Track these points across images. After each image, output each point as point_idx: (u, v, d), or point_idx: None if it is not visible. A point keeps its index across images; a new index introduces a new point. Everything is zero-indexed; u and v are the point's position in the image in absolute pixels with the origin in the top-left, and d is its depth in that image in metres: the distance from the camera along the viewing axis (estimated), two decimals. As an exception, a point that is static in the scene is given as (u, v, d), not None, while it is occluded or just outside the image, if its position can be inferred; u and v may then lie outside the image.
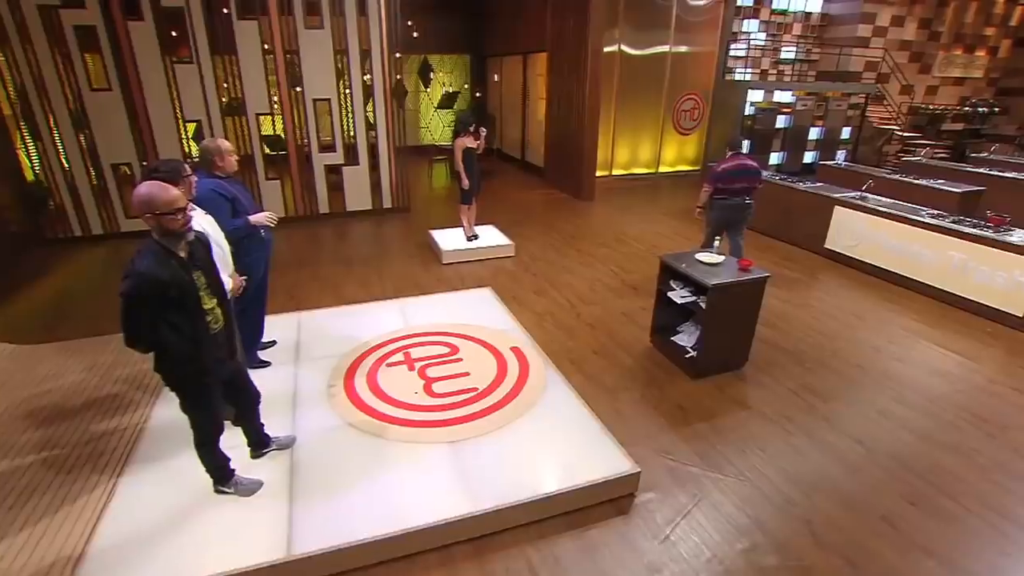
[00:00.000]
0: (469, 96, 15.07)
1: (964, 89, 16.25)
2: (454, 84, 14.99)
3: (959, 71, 15.76)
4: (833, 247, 7.44)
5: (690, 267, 4.77)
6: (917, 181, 8.84)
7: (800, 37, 14.50)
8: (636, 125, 11.89)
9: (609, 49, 10.85)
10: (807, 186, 8.06)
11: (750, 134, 12.53)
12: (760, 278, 4.63)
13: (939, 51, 15.30)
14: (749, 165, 6.09)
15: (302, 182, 8.69)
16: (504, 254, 7.33)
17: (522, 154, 13.25)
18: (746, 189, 6.11)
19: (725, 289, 4.48)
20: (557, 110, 10.76)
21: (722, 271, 4.67)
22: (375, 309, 5.62)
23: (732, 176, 6.09)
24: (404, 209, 9.43)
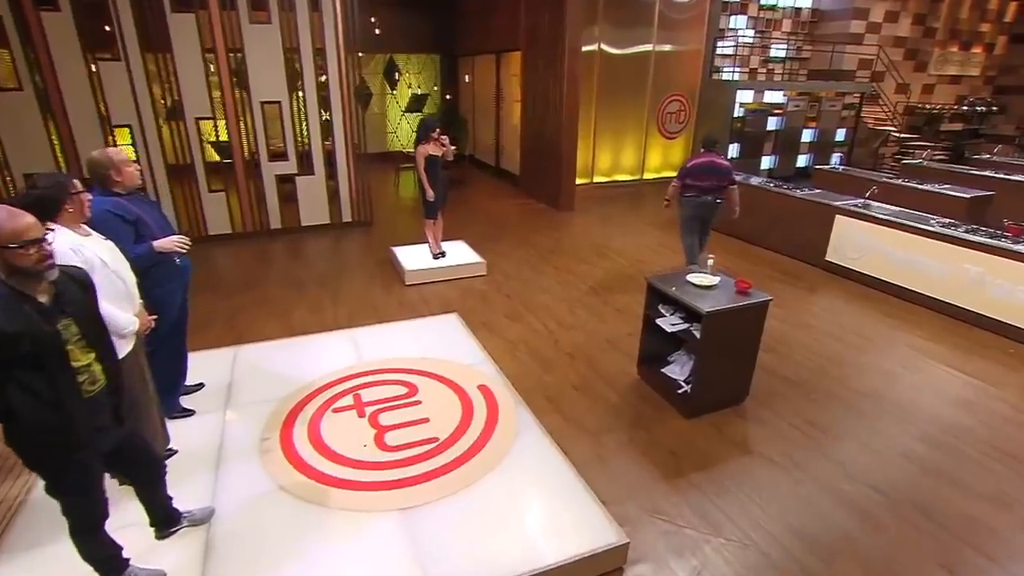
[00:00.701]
0: (439, 98, 14.94)
1: (961, 88, 16.36)
2: (423, 86, 14.84)
3: (955, 69, 15.87)
4: (834, 259, 7.26)
5: (681, 290, 4.41)
6: (921, 186, 8.72)
7: (790, 34, 14.56)
8: (618, 129, 11.80)
9: (588, 48, 10.72)
10: (804, 193, 7.87)
11: (740, 137, 12.49)
12: (761, 303, 4.28)
13: (934, 48, 15.40)
14: (719, 164, 6.39)
15: (250, 194, 8.23)
16: (474, 273, 7.01)
17: (496, 161, 13.05)
18: (715, 188, 6.40)
19: (721, 317, 4.12)
20: (532, 113, 10.56)
21: (717, 295, 4.32)
22: (325, 340, 5.18)
23: (700, 172, 6.39)
24: (366, 223, 9.04)
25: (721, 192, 6.49)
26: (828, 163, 13.61)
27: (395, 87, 14.56)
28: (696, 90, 12.22)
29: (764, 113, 12.69)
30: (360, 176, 8.79)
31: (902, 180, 9.15)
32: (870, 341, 5.67)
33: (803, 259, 7.70)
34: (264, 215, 8.44)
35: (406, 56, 14.45)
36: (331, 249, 8.13)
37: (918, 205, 7.71)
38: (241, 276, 7.02)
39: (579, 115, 9.78)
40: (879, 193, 7.85)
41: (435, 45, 14.42)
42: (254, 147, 8.06)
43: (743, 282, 4.38)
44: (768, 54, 14.43)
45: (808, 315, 6.20)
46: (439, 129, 6.62)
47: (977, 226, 6.35)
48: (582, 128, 10.63)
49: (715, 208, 6.55)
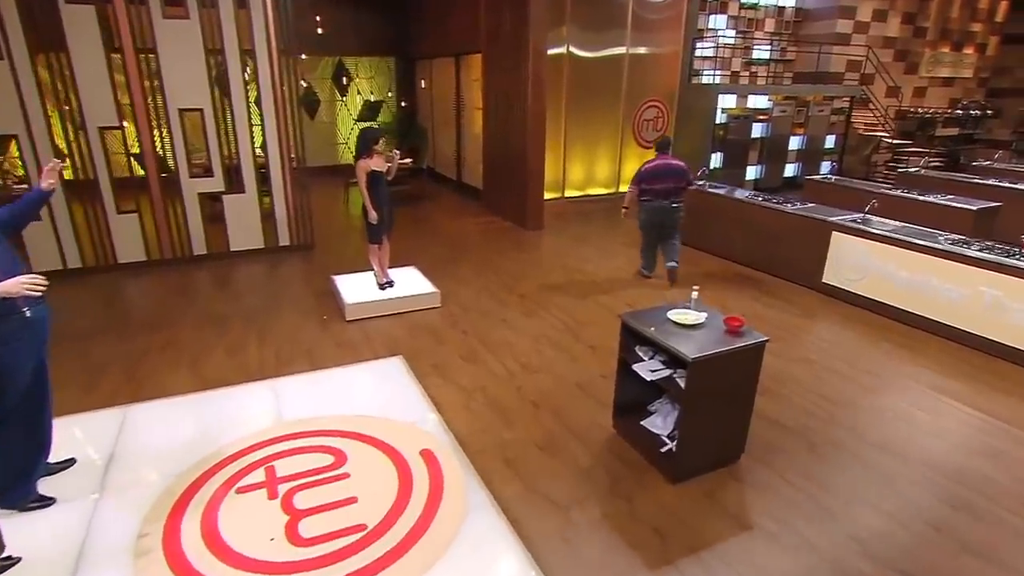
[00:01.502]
0: (395, 106, 14.73)
1: (954, 90, 16.54)
2: (376, 92, 14.60)
3: (947, 70, 16.09)
4: (832, 281, 7.01)
5: (661, 331, 3.94)
6: (923, 198, 8.54)
7: (773, 34, 14.60)
8: (591, 138, 11.59)
9: (555, 51, 10.55)
10: (796, 208, 7.61)
11: (722, 145, 12.36)
12: (755, 344, 3.83)
13: (925, 48, 15.58)
14: (673, 164, 6.79)
15: (169, 215, 7.62)
16: (427, 304, 6.56)
17: (458, 174, 12.82)
18: (671, 191, 6.79)
19: (709, 364, 3.66)
20: (495, 121, 10.36)
21: (704, 336, 3.86)
22: (241, 395, 4.60)
23: (654, 176, 6.77)
24: (306, 246, 8.55)
25: (680, 195, 6.86)
26: (818, 172, 13.69)
27: (345, 93, 14.30)
28: (674, 95, 12.07)
29: (748, 119, 12.68)
30: (299, 193, 8.31)
31: (901, 191, 8.99)
32: (878, 378, 5.29)
33: (797, 281, 7.45)
34: (185, 239, 7.84)
35: (357, 59, 14.18)
36: (263, 278, 7.59)
37: (920, 218, 7.62)
38: (152, 312, 6.40)
39: (546, 123, 9.61)
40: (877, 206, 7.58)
41: (389, 47, 14.20)
42: (173, 161, 7.46)
43: (734, 319, 3.93)
44: (751, 56, 14.52)
45: (807, 347, 5.85)
46: (381, 139, 6.13)
47: (992, 243, 6.07)
48: (550, 138, 10.44)
49: (674, 213, 6.88)
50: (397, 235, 8.96)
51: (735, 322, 3.92)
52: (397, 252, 7.75)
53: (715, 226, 8.44)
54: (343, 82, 14.20)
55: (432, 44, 12.97)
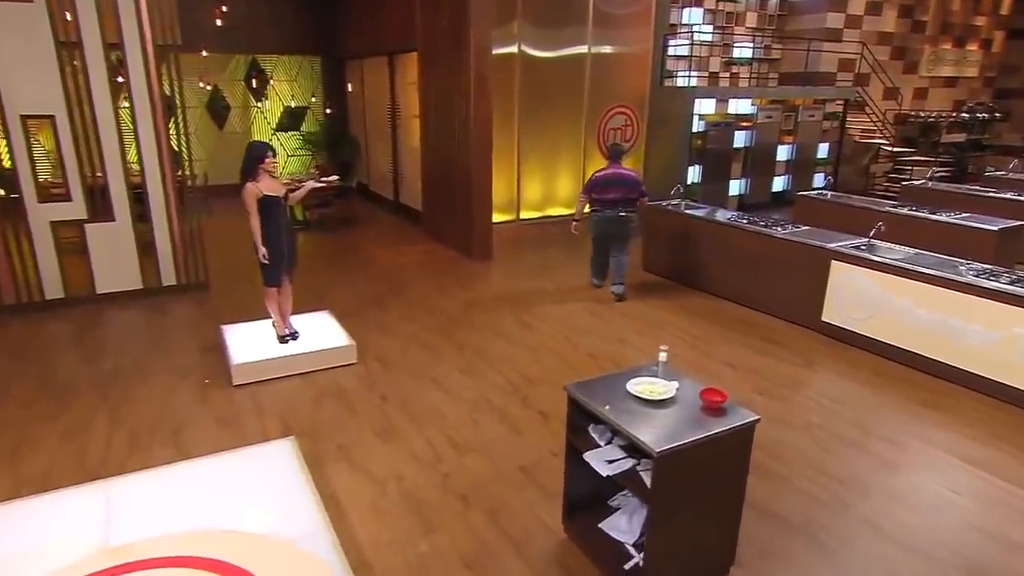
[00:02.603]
0: (321, 113, 14.61)
1: (958, 91, 16.73)
2: (299, 96, 14.40)
3: (950, 69, 16.26)
4: (834, 320, 6.74)
5: (619, 408, 3.37)
6: (935, 217, 8.37)
7: (756, 30, 14.61)
8: (549, 151, 11.40)
9: (505, 50, 10.39)
10: (787, 232, 7.36)
11: (700, 156, 12.26)
12: (743, 426, 3.25)
13: (925, 45, 15.72)
14: (622, 174, 7.33)
15: (8, 249, 6.87)
16: (339, 360, 5.98)
17: (395, 193, 12.69)
18: (622, 201, 7.29)
19: (682, 457, 3.06)
20: (434, 132, 10.21)
21: (674, 417, 3.29)
22: (61, 504, 3.85)
23: (604, 185, 7.29)
24: (198, 286, 7.96)
25: (631, 205, 7.36)
26: (810, 186, 13.70)
27: (261, 98, 14.06)
28: (644, 100, 11.91)
29: (729, 126, 12.61)
30: (189, 220, 7.71)
31: (908, 208, 8.80)
32: (898, 447, 4.84)
33: (792, 319, 7.17)
34: (34, 279, 7.15)
35: (275, 58, 13.95)
36: (135, 329, 6.93)
37: (932, 241, 7.42)
38: (-23, 382, 5.60)
39: (495, 134, 9.47)
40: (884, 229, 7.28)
41: (314, 44, 13.95)
42: (15, 180, 6.77)
43: (713, 394, 3.35)
44: (731, 55, 14.54)
45: (808, 407, 5.40)
46: (271, 155, 5.59)
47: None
48: (500, 150, 10.23)
49: (623, 224, 7.39)
50: (312, 270, 8.69)
51: (715, 397, 3.34)
52: (308, 292, 7.39)
53: (693, 254, 8.21)
54: (258, 85, 13.95)
55: (363, 41, 12.80)
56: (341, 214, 11.62)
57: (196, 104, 13.29)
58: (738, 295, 7.72)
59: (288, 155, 14.33)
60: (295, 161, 14.35)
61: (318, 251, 10.04)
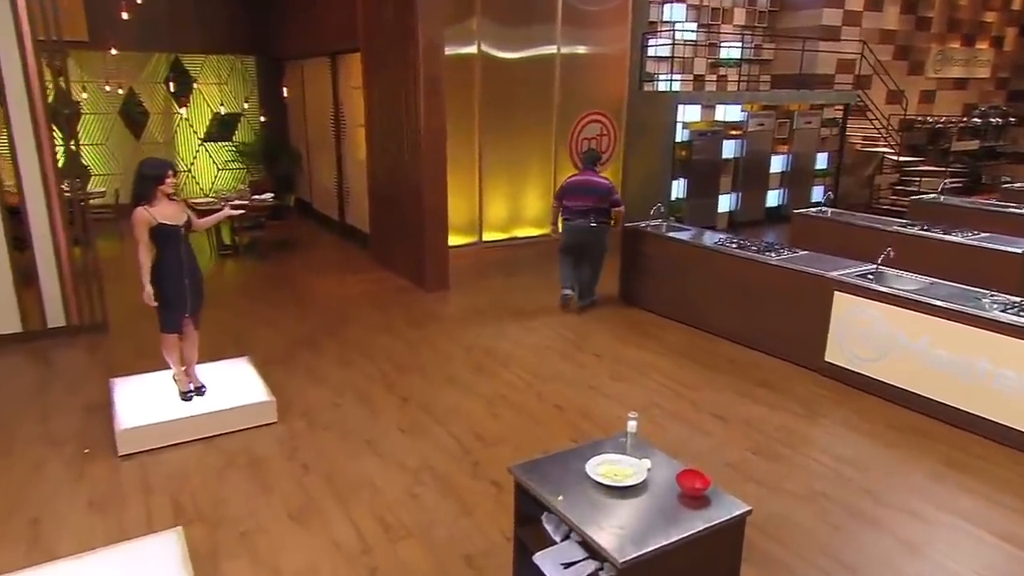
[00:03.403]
0: (257, 120, 14.60)
1: (968, 94, 16.87)
2: (231, 102, 14.27)
3: (959, 70, 16.35)
4: (839, 361, 6.54)
5: (576, 498, 3.00)
6: (950, 237, 8.29)
7: (745, 28, 14.65)
8: (515, 164, 11.30)
9: (463, 51, 10.38)
10: (784, 257, 7.18)
11: (685, 169, 12.25)
12: (731, 521, 2.85)
13: (931, 44, 15.82)
14: (594, 181, 7.75)
15: None
16: (255, 421, 5.55)
17: (340, 213, 12.53)
18: (592, 210, 7.67)
19: (653, 566, 2.64)
20: (381, 143, 10.07)
21: (644, 509, 2.97)
22: None
23: (573, 192, 7.74)
24: (94, 328, 7.53)
25: (602, 216, 7.71)
26: (808, 201, 13.61)
27: (186, 103, 13.93)
28: (622, 106, 11.86)
29: (717, 135, 12.56)
30: (83, 249, 7.34)
31: (919, 228, 8.72)
32: (922, 522, 4.48)
33: (791, 359, 6.97)
34: None
35: (202, 58, 13.82)
36: (5, 385, 6.38)
37: (948, 266, 7.38)
38: None
39: (452, 145, 9.43)
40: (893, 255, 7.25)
41: (247, 42, 13.87)
42: None
43: (693, 477, 2.97)
44: (717, 56, 14.61)
45: (811, 467, 5.08)
46: (170, 174, 5.17)
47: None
48: (458, 164, 10.16)
49: (593, 234, 7.77)
50: (235, 307, 8.47)
51: (696, 483, 2.93)
52: (227, 334, 7.24)
53: (677, 283, 8.03)
54: (182, 88, 13.82)
55: (303, 39, 12.69)
56: (277, 237, 11.39)
57: (108, 110, 13.11)
58: (729, 331, 7.54)
59: (218, 169, 14.20)
60: (227, 176, 14.20)
61: (246, 282, 9.79)
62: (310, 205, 13.85)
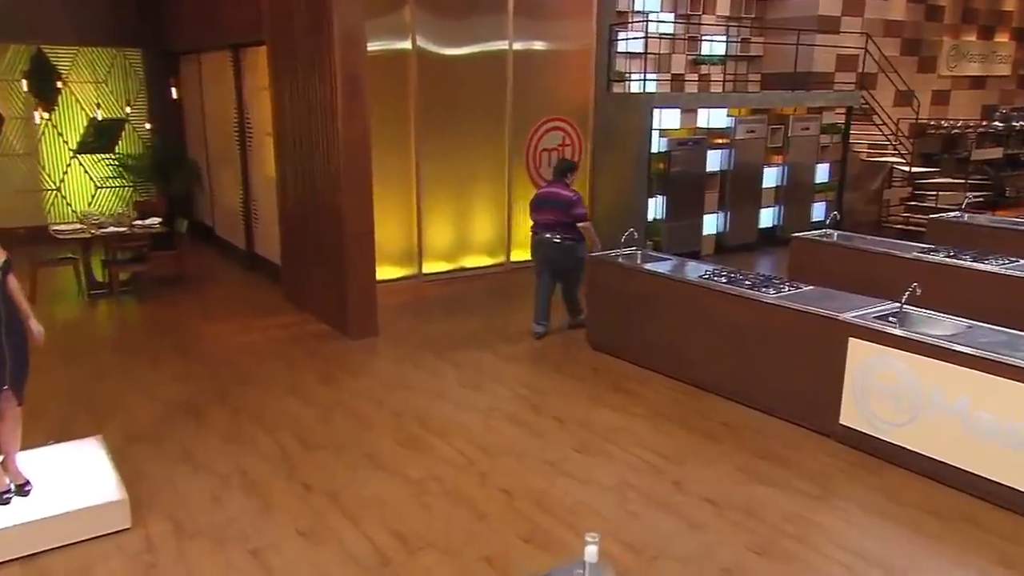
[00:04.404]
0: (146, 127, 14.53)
1: (987, 94, 17.14)
2: (111, 105, 14.15)
3: (976, 67, 16.58)
4: (858, 425, 6.33)
5: None
6: (984, 266, 8.24)
7: (730, 19, 14.79)
8: (461, 180, 11.58)
9: (395, 45, 10.65)
10: (783, 294, 7.01)
11: (662, 184, 12.41)
12: None
13: (943, 37, 16.01)
14: (556, 193, 8.33)
15: None
16: (99, 529, 5.00)
17: (248, 240, 12.48)
18: (557, 224, 8.23)
19: None
20: (293, 156, 9.97)
21: None
22: None
23: (538, 205, 8.44)
24: None
25: (568, 231, 8.23)
26: (808, 220, 13.84)
27: (53, 106, 13.73)
28: (587, 111, 12.16)
29: (700, 144, 12.65)
30: None
31: (944, 254, 8.69)
32: None
33: (798, 421, 6.77)
34: None
35: (74, 50, 13.69)
36: None
37: (981, 300, 7.48)
38: None
39: (382, 157, 9.66)
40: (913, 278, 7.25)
41: (131, 33, 13.76)
42: None
43: None
44: (699, 51, 14.73)
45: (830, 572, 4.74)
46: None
47: None
48: (391, 180, 10.50)
49: (558, 250, 8.33)
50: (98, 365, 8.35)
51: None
52: (82, 403, 6.88)
53: (657, 325, 7.90)
54: (45, 88, 13.55)
55: (199, 29, 12.72)
56: (164, 272, 11.11)
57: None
58: (721, 385, 7.37)
59: (96, 187, 14.04)
60: (108, 195, 14.05)
61: (118, 331, 9.61)
62: (212, 230, 13.81)
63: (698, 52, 14.61)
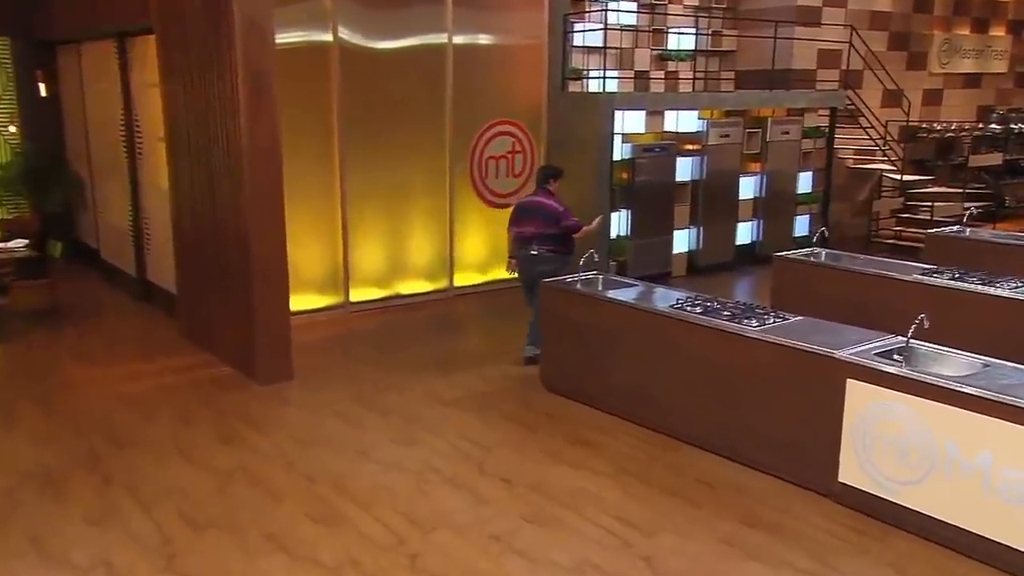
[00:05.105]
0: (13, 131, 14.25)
1: (983, 93, 17.41)
2: None
3: (970, 63, 16.86)
4: (860, 484, 6.16)
5: None
6: (995, 291, 8.23)
7: (699, 10, 15.00)
8: (394, 194, 11.63)
9: (313, 38, 10.58)
10: (766, 327, 6.88)
11: (627, 196, 12.49)
12: None
13: (934, 30, 16.24)
14: (539, 203, 8.57)
15: None
16: None
17: (139, 265, 12.33)
18: (537, 237, 8.43)
19: None
20: (189, 166, 9.76)
21: None
22: None
23: (518, 216, 8.69)
24: None
25: (549, 243, 8.43)
26: (790, 235, 14.02)
27: None
28: (540, 113, 12.28)
29: (668, 151, 12.71)
30: None
31: (948, 276, 8.65)
32: None
33: (790, 478, 6.62)
34: None
35: None
36: None
37: (1000, 330, 7.54)
38: None
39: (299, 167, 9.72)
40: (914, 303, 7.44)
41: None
42: None
43: None
44: (665, 46, 14.90)
45: None
46: None
47: None
48: (310, 193, 10.50)
49: (537, 265, 8.44)
50: None
51: None
52: None
53: (622, 363, 7.82)
54: None
55: (78, 14, 12.47)
56: (33, 304, 10.90)
57: None
58: (699, 435, 7.21)
59: None
60: None
61: None
62: (97, 253, 13.63)
63: (664, 47, 14.65)
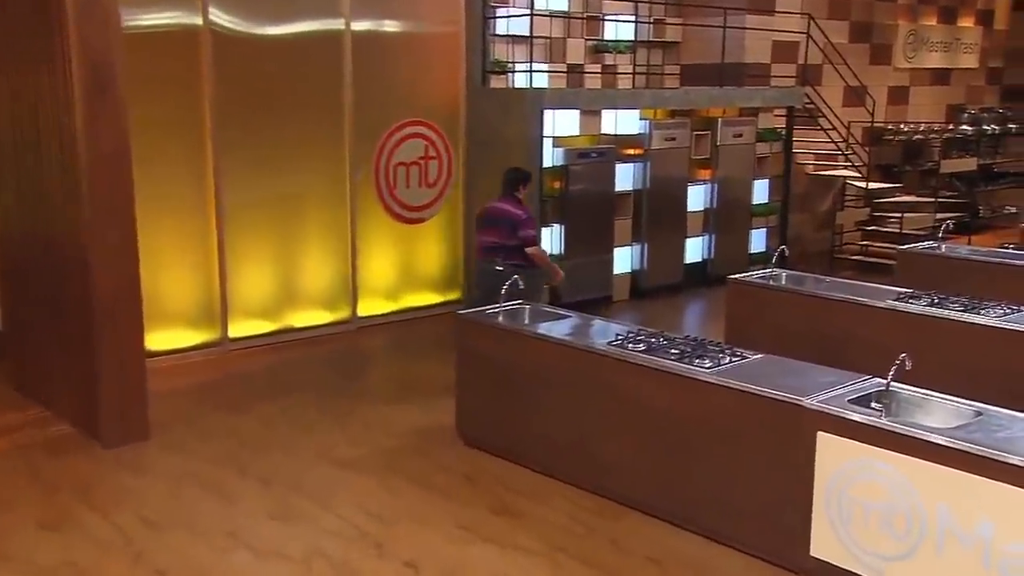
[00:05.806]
0: None
1: (952, 90, 17.66)
2: None
3: (938, 57, 17.09)
4: (835, 559, 5.85)
5: None
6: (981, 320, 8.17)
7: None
8: (282, 208, 11.41)
9: (178, 20, 10.30)
10: (722, 368, 6.55)
11: (559, 209, 12.61)
12: None
13: (898, 20, 16.42)
14: (500, 209, 8.80)
15: None
16: None
17: None
18: (498, 248, 8.70)
19: None
20: (15, 178, 9.50)
21: None
22: None
23: (480, 225, 9.12)
24: None
25: (514, 256, 8.56)
26: (745, 252, 14.22)
27: None
28: (458, 111, 12.38)
29: (607, 156, 12.75)
30: None
31: (928, 302, 8.58)
32: None
33: (753, 551, 6.29)
34: None
35: None
36: None
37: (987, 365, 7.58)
38: None
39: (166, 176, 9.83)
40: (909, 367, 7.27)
41: None
42: None
43: None
44: (601, 36, 15.02)
45: None
46: None
47: None
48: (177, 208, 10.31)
49: (498, 279, 8.17)
50: None
51: None
52: None
53: (554, 411, 7.45)
54: None
55: None
56: None
57: None
58: (645, 499, 6.85)
59: None
60: None
61: None
62: None
63: (600, 36, 14.82)
